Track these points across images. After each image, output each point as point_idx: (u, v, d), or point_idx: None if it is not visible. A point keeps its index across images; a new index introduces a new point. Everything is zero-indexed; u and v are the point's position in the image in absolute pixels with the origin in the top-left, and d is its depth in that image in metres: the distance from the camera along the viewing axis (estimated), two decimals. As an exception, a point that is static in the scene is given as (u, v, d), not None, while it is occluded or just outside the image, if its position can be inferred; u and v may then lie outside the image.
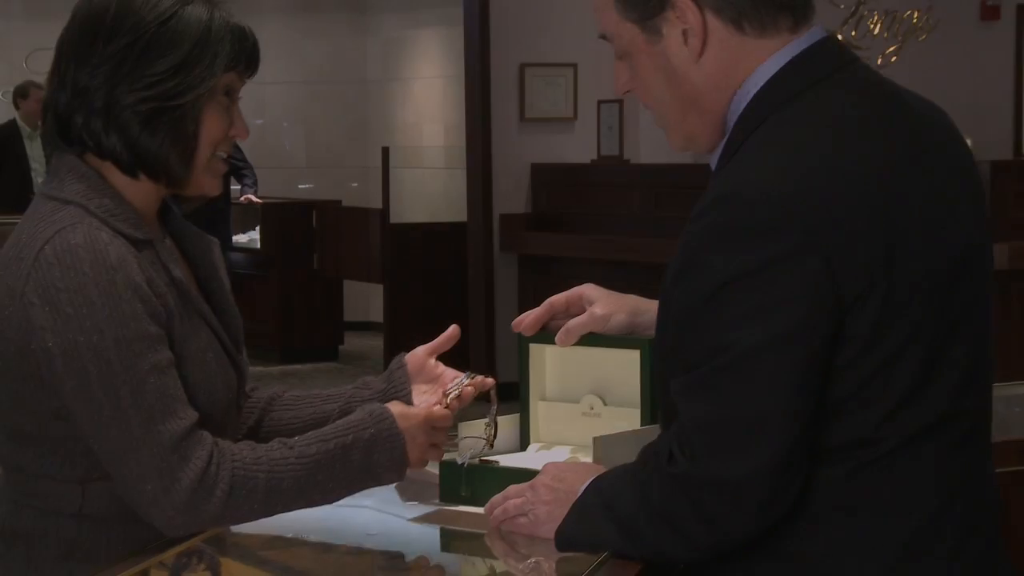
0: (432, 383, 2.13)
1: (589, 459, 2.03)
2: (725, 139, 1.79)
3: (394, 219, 9.68)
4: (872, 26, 9.52)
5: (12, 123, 10.35)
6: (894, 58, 9.44)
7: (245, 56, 1.94)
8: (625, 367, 2.10)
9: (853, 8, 9.44)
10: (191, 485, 1.80)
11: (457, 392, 2.06)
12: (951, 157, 1.80)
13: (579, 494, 1.82)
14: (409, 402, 2.10)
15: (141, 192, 1.93)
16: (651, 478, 1.71)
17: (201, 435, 1.84)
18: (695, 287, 1.67)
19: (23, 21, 12.23)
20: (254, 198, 10.41)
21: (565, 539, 1.81)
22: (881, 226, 1.66)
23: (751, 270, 1.62)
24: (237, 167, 10.32)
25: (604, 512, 1.77)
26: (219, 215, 10.27)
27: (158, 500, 1.80)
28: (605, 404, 2.16)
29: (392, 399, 2.09)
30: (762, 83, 1.75)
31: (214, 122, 1.92)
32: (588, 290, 2.15)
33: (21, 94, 10.31)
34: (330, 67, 12.36)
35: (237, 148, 10.20)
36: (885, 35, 9.58)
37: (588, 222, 8.38)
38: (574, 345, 2.11)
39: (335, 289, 10.52)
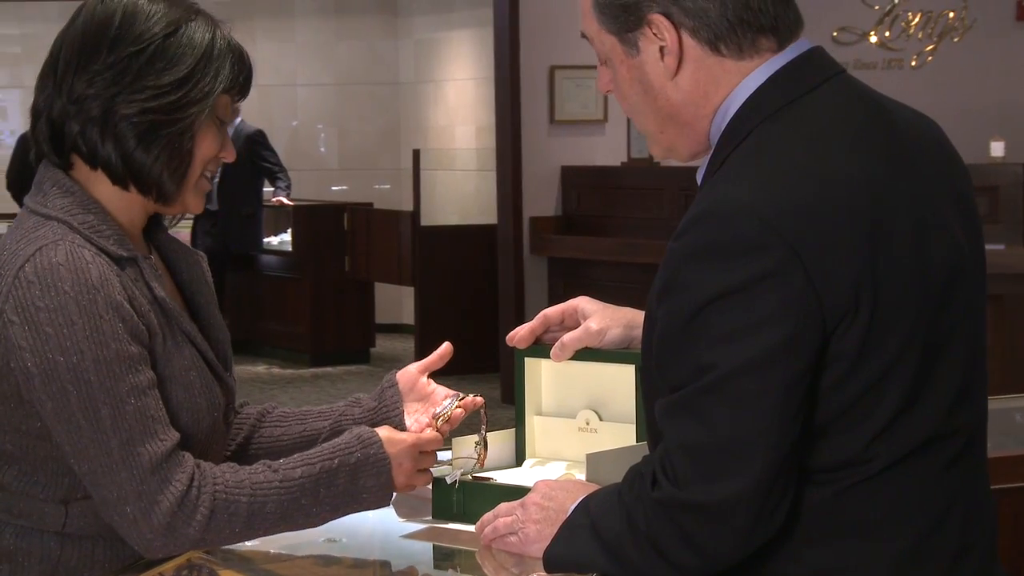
0: (423, 401, 2.11)
1: (584, 475, 1.99)
2: (710, 154, 1.76)
3: (425, 221, 9.68)
4: (906, 27, 9.44)
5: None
6: (929, 58, 9.36)
7: (242, 79, 1.93)
8: (620, 382, 2.07)
9: (888, 8, 9.36)
10: (171, 508, 1.78)
11: (447, 415, 2.04)
12: (940, 168, 1.76)
13: (568, 513, 1.79)
14: (400, 421, 2.07)
15: (127, 207, 1.91)
16: (636, 501, 1.68)
17: (182, 457, 1.82)
18: (677, 307, 1.63)
19: (58, 24, 12.28)
20: (286, 200, 10.43)
21: (553, 559, 1.78)
22: (867, 241, 1.62)
23: (733, 289, 1.59)
24: (271, 170, 10.35)
25: (591, 533, 1.74)
26: (251, 218, 10.32)
27: (137, 522, 1.78)
28: (601, 419, 2.13)
29: (383, 418, 2.07)
30: (745, 97, 1.72)
31: (208, 141, 1.90)
32: (583, 303, 2.12)
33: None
34: (363, 69, 12.37)
35: (272, 151, 10.30)
36: (920, 35, 9.49)
37: (618, 225, 8.34)
38: (569, 360, 2.08)
39: (366, 291, 10.52)
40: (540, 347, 2.11)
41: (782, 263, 1.58)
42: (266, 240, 10.64)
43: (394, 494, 2.17)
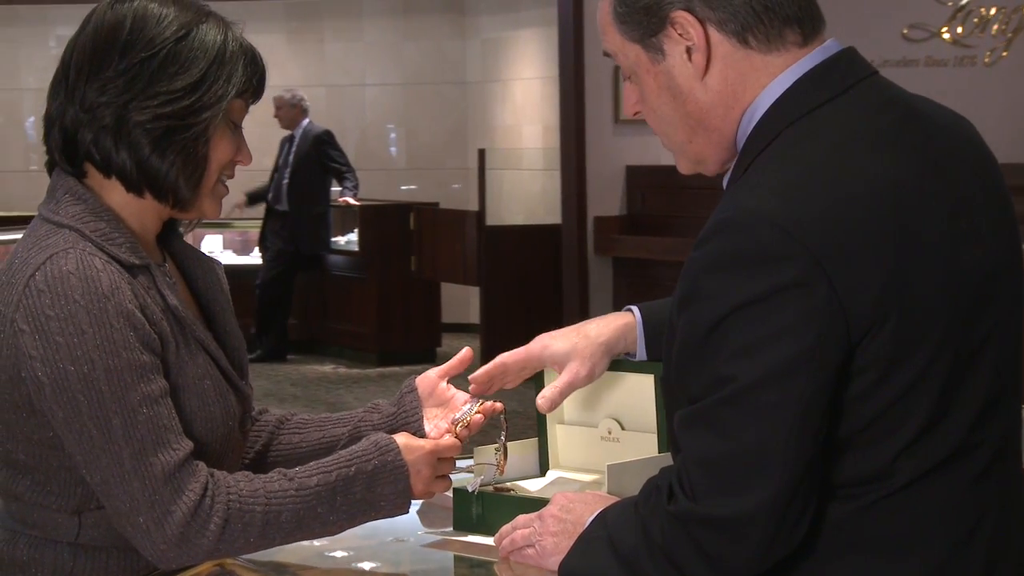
0: (443, 407, 2.08)
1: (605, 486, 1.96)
2: (735, 159, 1.72)
3: (491, 221, 9.66)
4: (980, 23, 9.29)
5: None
6: (1004, 53, 9.21)
7: (255, 81, 1.91)
8: (642, 391, 2.04)
9: (961, 3, 9.23)
10: (184, 518, 1.77)
11: (466, 420, 2.01)
12: (975, 172, 1.71)
13: (586, 526, 1.76)
14: (420, 426, 2.05)
15: (141, 214, 1.90)
16: (653, 515, 1.64)
17: (196, 466, 1.80)
18: (697, 318, 1.60)
19: (130, 27, 12.42)
20: (352, 200, 10.46)
21: (569, 572, 1.75)
22: (894, 250, 1.57)
23: (754, 299, 1.55)
24: (339, 169, 10.39)
25: (607, 546, 1.71)
26: (319, 218, 10.37)
27: (150, 533, 1.77)
28: (623, 428, 2.09)
29: (402, 423, 2.05)
30: (773, 100, 1.68)
31: (223, 145, 1.89)
32: (549, 345, 2.04)
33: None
34: (430, 69, 12.38)
35: (340, 151, 10.34)
36: (994, 31, 9.34)
37: (683, 224, 8.28)
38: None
39: (432, 291, 10.53)
40: None
41: (805, 273, 1.54)
42: (333, 240, 10.68)
43: (419, 503, 2.15)
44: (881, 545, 1.61)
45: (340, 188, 10.48)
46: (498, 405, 2.05)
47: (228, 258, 11.40)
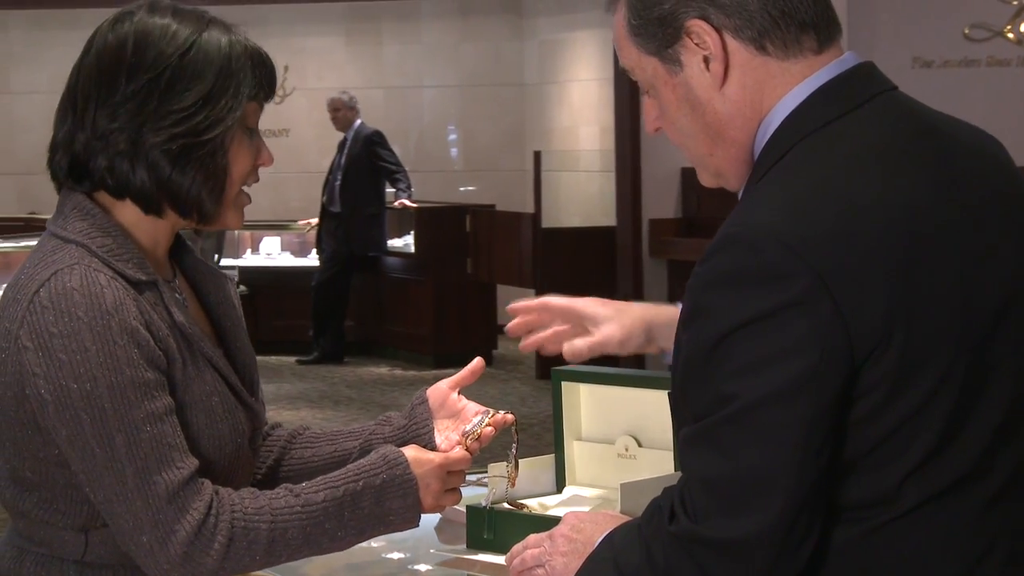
0: (454, 418, 2.05)
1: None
2: (750, 171, 1.68)
3: (547, 223, 9.63)
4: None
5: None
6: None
7: (266, 83, 1.89)
8: (659, 408, 1.99)
9: (1025, 2, 9.08)
10: (188, 537, 1.75)
11: (476, 433, 1.99)
12: (997, 192, 1.66)
13: (595, 546, 1.73)
14: (430, 439, 2.02)
15: (152, 230, 1.89)
16: (655, 535, 1.61)
17: (200, 485, 1.78)
18: (700, 334, 1.56)
19: (190, 30, 12.51)
20: (408, 203, 10.48)
21: None
22: (902, 269, 1.53)
23: (757, 317, 1.51)
24: (390, 170, 10.41)
25: (613, 568, 1.67)
26: (372, 219, 10.40)
27: (154, 552, 1.75)
28: (640, 445, 2.06)
29: (413, 436, 2.02)
30: (787, 113, 1.64)
31: (242, 153, 1.87)
32: (595, 308, 2.07)
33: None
34: (487, 70, 12.38)
35: (390, 151, 10.37)
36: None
37: (739, 227, 8.20)
38: (608, 384, 2.02)
39: (488, 293, 10.52)
40: (577, 372, 2.05)
41: (808, 291, 1.50)
42: (389, 242, 10.71)
43: (437, 519, 2.13)
44: (887, 571, 1.57)
45: (394, 190, 10.51)
46: (509, 417, 2.02)
47: (286, 259, 11.47)
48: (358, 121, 10.42)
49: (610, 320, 2.01)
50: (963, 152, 1.66)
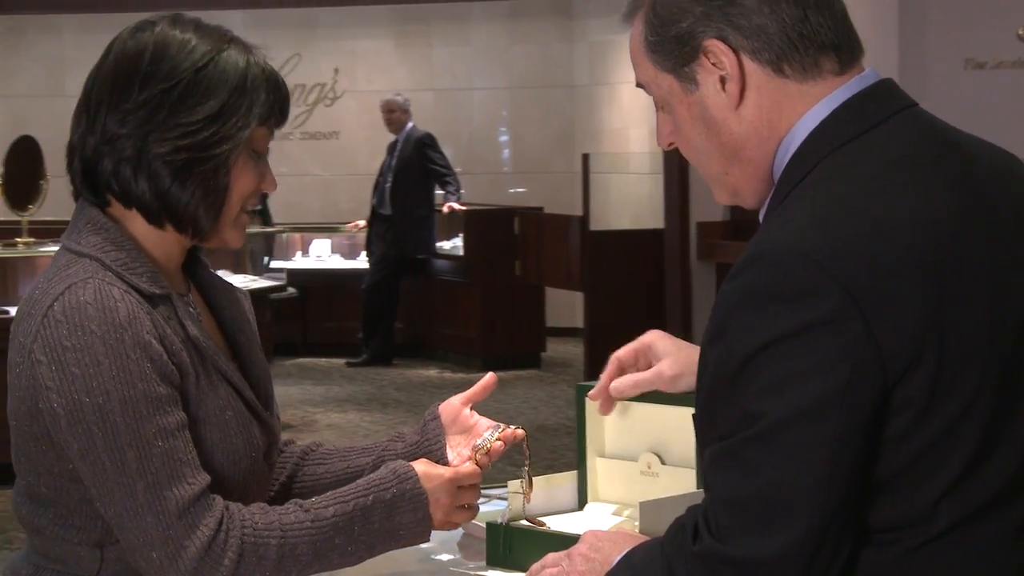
0: (466, 434, 2.04)
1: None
2: (772, 191, 1.65)
3: (595, 226, 9.58)
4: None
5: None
6: None
7: (278, 108, 1.88)
8: (683, 425, 1.95)
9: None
10: (198, 553, 1.74)
11: (486, 448, 1.96)
12: (1020, 207, 1.63)
13: (613, 565, 1.70)
14: (442, 454, 2.01)
15: (164, 243, 1.88)
16: (677, 554, 1.58)
17: (211, 501, 1.77)
18: (727, 353, 1.54)
19: (240, 30, 12.56)
20: (456, 206, 10.47)
21: None
22: (932, 284, 1.50)
23: (786, 335, 1.48)
24: (440, 172, 10.41)
25: None
26: (421, 221, 10.40)
27: (164, 568, 1.74)
28: (663, 463, 2.03)
29: (425, 451, 2.01)
30: (808, 131, 1.62)
31: (246, 175, 1.86)
32: (657, 341, 2.03)
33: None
34: (537, 72, 12.36)
35: (441, 154, 10.37)
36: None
37: (788, 230, 8.13)
38: (632, 401, 1.99)
39: (537, 295, 10.50)
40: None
41: (838, 309, 1.47)
42: (438, 244, 10.71)
43: (460, 535, 2.11)
44: None
45: (443, 193, 10.51)
46: (519, 432, 2.00)
47: (336, 262, 11.50)
48: (410, 124, 10.43)
49: (668, 356, 2.00)
50: (985, 168, 1.64)
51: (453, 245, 10.76)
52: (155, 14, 1.89)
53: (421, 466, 1.90)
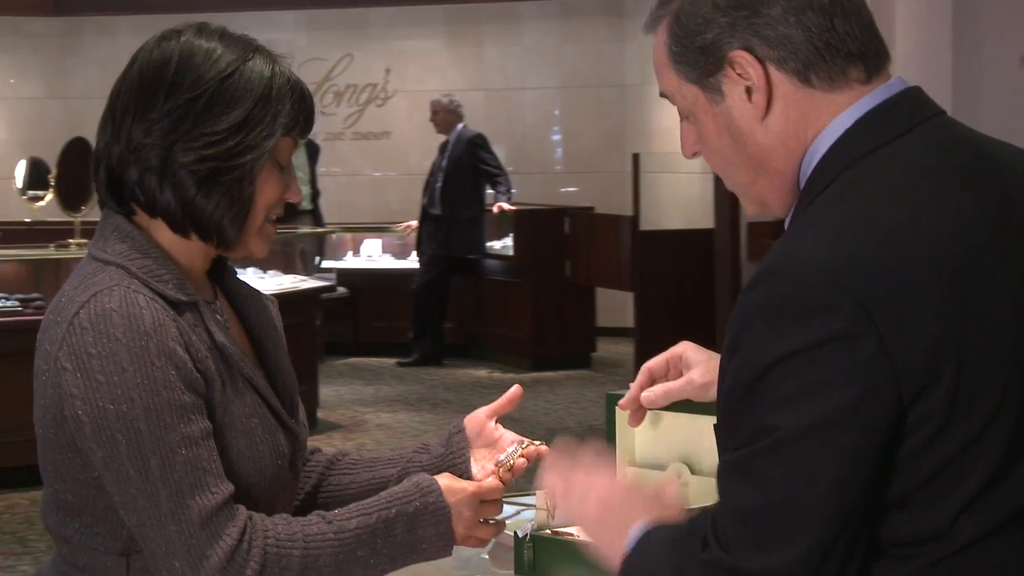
0: (491, 447, 2.03)
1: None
2: (797, 200, 1.63)
3: (645, 226, 9.55)
4: None
5: (278, 133, 10.68)
6: None
7: (303, 118, 1.87)
8: (711, 435, 1.92)
9: None
10: (220, 563, 1.74)
11: (509, 463, 1.95)
12: None
13: (629, 543, 1.65)
14: (466, 468, 2.00)
15: (190, 251, 1.88)
16: (686, 559, 1.56)
17: (234, 510, 1.77)
18: (743, 366, 1.52)
19: (293, 32, 12.64)
20: (506, 206, 10.46)
21: None
22: (951, 298, 1.47)
23: (800, 350, 1.46)
24: (491, 172, 10.40)
25: None
26: (472, 221, 10.40)
27: None
28: (692, 472, 2.00)
29: (449, 464, 2.00)
30: (833, 140, 1.59)
31: (270, 185, 1.85)
32: (688, 351, 2.01)
33: (285, 105, 10.64)
34: (588, 72, 12.34)
35: (492, 154, 10.37)
36: None
37: (840, 231, 8.06)
38: (662, 410, 1.97)
39: (587, 296, 10.48)
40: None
41: (853, 323, 1.45)
42: (489, 244, 10.71)
43: (492, 543, 2.10)
44: None
45: (494, 193, 10.50)
46: (543, 448, 1.99)
47: (386, 262, 11.53)
48: (460, 124, 10.43)
49: (699, 364, 1.98)
50: (1015, 178, 1.61)
51: (503, 245, 10.75)
52: (182, 23, 1.89)
53: (444, 480, 1.90)
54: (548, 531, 1.98)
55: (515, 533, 1.98)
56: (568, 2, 12.36)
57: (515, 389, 2.07)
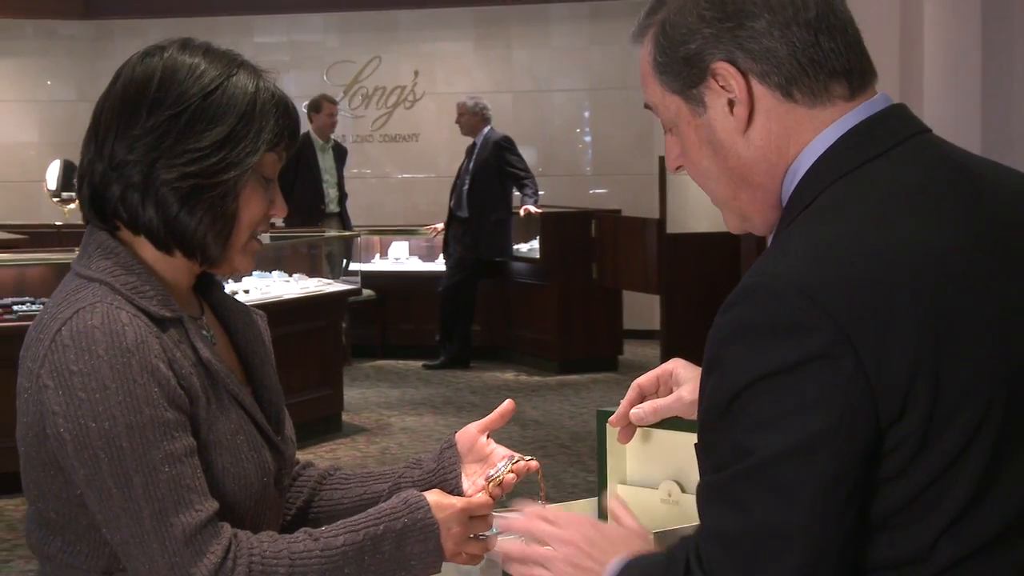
0: (482, 462, 2.01)
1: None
2: (779, 217, 1.61)
3: (672, 228, 9.51)
4: None
5: (306, 135, 10.72)
6: None
7: (288, 133, 1.86)
8: (702, 453, 1.92)
9: None
10: None
11: (499, 479, 1.93)
12: None
13: (607, 571, 1.64)
14: (457, 483, 1.98)
15: (175, 267, 1.87)
16: None
17: (218, 528, 1.76)
18: (719, 386, 1.50)
19: (321, 34, 12.66)
20: (533, 209, 10.44)
21: None
22: (930, 320, 1.45)
23: (776, 371, 1.45)
24: (518, 175, 10.39)
25: None
26: (499, 224, 10.39)
27: None
28: (683, 491, 1.98)
29: (440, 480, 1.99)
30: (815, 158, 1.57)
31: (254, 201, 1.84)
32: (678, 368, 1.99)
33: (315, 108, 10.68)
34: (617, 74, 12.30)
35: (519, 157, 10.35)
36: None
37: (866, 234, 8.00)
38: (653, 427, 1.95)
39: (614, 298, 10.44)
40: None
41: (830, 345, 1.43)
42: (515, 247, 10.69)
43: (484, 560, 2.08)
44: None
45: (521, 195, 10.49)
46: (533, 464, 1.97)
47: (414, 264, 11.53)
48: (487, 127, 10.41)
49: (689, 381, 1.97)
50: (1001, 197, 1.58)
51: (530, 248, 10.73)
52: (165, 39, 1.88)
53: (433, 496, 1.88)
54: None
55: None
56: (597, 4, 12.33)
57: (507, 404, 2.06)
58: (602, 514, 2.07)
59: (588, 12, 12.36)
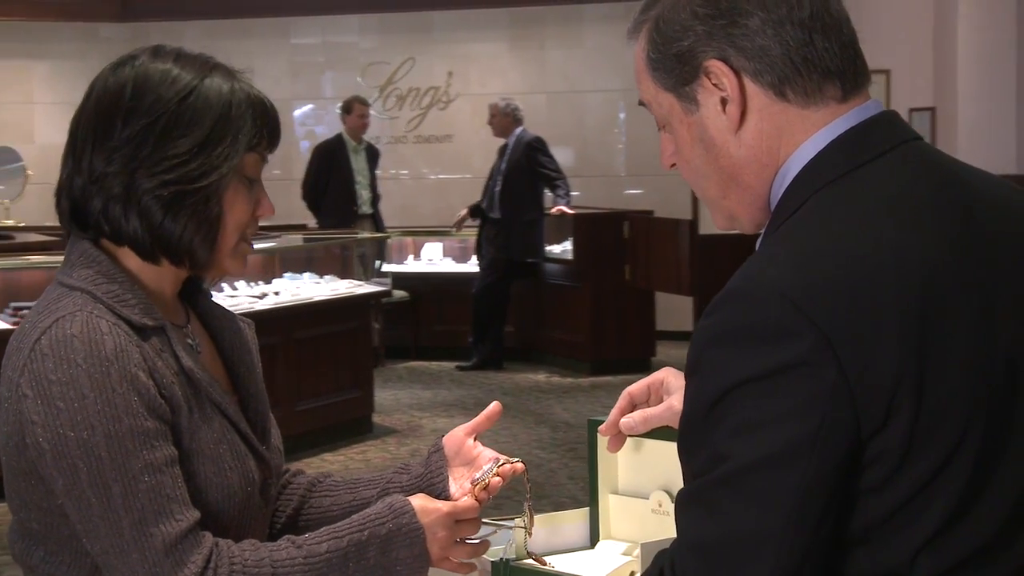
0: (469, 466, 1.99)
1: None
2: (768, 220, 1.59)
3: (705, 229, 9.48)
4: None
5: (339, 137, 10.74)
6: None
7: (267, 133, 1.85)
8: (692, 463, 1.89)
9: None
10: None
11: (484, 482, 1.91)
12: None
13: None
14: (444, 487, 1.96)
15: (159, 275, 1.86)
16: None
17: (199, 537, 1.74)
18: (700, 390, 1.48)
19: (357, 35, 12.68)
20: (566, 209, 10.42)
21: None
22: (914, 328, 1.42)
23: (757, 377, 1.42)
24: (550, 176, 10.37)
25: None
26: (531, 225, 10.37)
27: None
28: (673, 501, 1.96)
29: (428, 484, 1.97)
30: (805, 162, 1.55)
31: (239, 203, 1.83)
32: (669, 377, 1.97)
33: (346, 109, 10.69)
34: (650, 74, 12.24)
35: (551, 158, 10.33)
36: None
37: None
38: (644, 437, 1.93)
39: (647, 299, 10.40)
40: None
41: (812, 351, 1.40)
42: (548, 248, 10.67)
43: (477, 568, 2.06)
44: None
45: (553, 196, 10.47)
46: (519, 466, 1.95)
47: (447, 265, 11.52)
48: (519, 127, 10.40)
49: (679, 391, 1.95)
50: (989, 206, 1.56)
51: (563, 249, 10.71)
52: (138, 48, 1.87)
53: (418, 500, 1.86)
54: (529, 560, 1.94)
55: (491, 562, 1.94)
56: (631, 4, 12.22)
57: (494, 406, 2.03)
58: (593, 523, 2.04)
59: (623, 12, 12.31)
